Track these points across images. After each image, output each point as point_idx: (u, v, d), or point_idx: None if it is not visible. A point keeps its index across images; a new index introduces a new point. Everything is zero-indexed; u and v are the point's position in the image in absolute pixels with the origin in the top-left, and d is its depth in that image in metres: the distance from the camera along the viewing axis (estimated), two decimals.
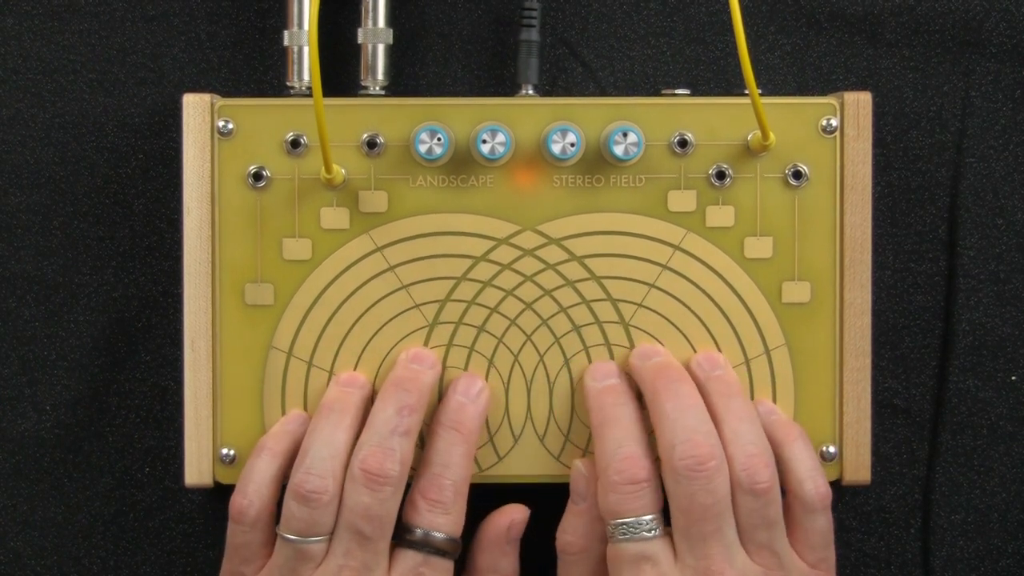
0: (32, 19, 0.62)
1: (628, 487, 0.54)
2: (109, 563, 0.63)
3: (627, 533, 0.54)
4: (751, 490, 0.54)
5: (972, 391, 0.62)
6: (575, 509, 0.57)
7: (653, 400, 0.55)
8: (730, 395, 0.56)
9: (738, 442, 0.54)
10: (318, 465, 0.54)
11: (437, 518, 0.55)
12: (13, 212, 0.62)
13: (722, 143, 0.58)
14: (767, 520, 0.54)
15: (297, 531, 0.54)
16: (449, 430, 0.56)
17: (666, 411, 0.54)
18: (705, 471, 0.53)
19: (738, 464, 0.54)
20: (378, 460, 0.54)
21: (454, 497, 0.55)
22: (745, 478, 0.54)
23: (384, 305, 0.58)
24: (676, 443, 0.53)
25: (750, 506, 0.54)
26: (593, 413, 0.56)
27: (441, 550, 0.55)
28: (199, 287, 0.58)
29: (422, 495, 0.55)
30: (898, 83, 0.62)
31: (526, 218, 0.58)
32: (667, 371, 0.56)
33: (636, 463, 0.54)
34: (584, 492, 0.56)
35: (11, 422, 0.62)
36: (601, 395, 0.56)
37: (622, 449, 0.55)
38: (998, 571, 0.63)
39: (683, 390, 0.55)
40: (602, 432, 0.56)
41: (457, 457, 0.55)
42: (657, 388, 0.55)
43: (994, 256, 0.62)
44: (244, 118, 0.58)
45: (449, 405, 0.57)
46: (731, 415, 0.55)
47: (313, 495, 0.54)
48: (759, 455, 0.54)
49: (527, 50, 0.59)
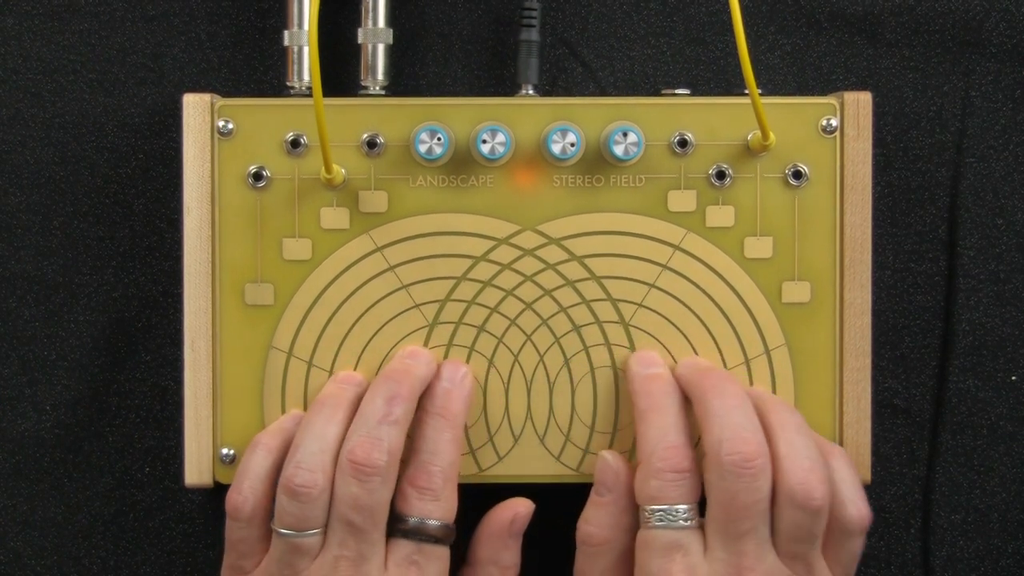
0: (32, 19, 0.62)
1: (671, 475, 0.54)
2: (109, 563, 0.63)
3: (663, 520, 0.54)
4: (804, 506, 0.53)
5: (972, 391, 0.62)
6: (600, 501, 0.56)
7: (700, 398, 0.55)
8: (784, 408, 0.56)
9: (794, 455, 0.54)
10: (308, 459, 0.54)
11: (427, 505, 0.55)
12: (13, 212, 0.62)
13: (722, 143, 0.58)
14: (811, 535, 0.54)
15: (290, 525, 0.54)
16: (435, 416, 0.56)
17: (713, 408, 0.54)
18: (751, 469, 0.53)
19: (794, 478, 0.53)
20: (365, 450, 0.54)
21: (443, 483, 0.55)
22: (800, 492, 0.53)
23: (384, 305, 0.58)
24: (723, 439, 0.53)
25: (798, 520, 0.53)
26: (639, 398, 0.56)
27: (434, 537, 0.55)
28: (199, 287, 0.58)
29: (411, 483, 0.55)
30: (898, 83, 0.62)
31: (526, 218, 0.58)
32: (715, 372, 0.56)
33: (681, 452, 0.54)
34: (612, 484, 0.56)
35: (11, 422, 0.62)
36: (648, 381, 0.56)
37: (668, 437, 0.55)
38: (998, 571, 0.63)
39: (730, 389, 0.55)
40: (648, 417, 0.55)
41: (444, 443, 0.55)
42: (704, 387, 0.55)
43: (994, 256, 0.62)
44: (244, 118, 0.58)
45: (435, 392, 0.56)
46: (787, 427, 0.55)
47: (302, 489, 0.54)
48: (816, 471, 0.54)
49: (527, 50, 0.59)
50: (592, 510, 0.56)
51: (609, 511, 0.56)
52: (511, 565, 0.57)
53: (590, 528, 0.56)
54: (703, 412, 0.55)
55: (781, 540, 0.54)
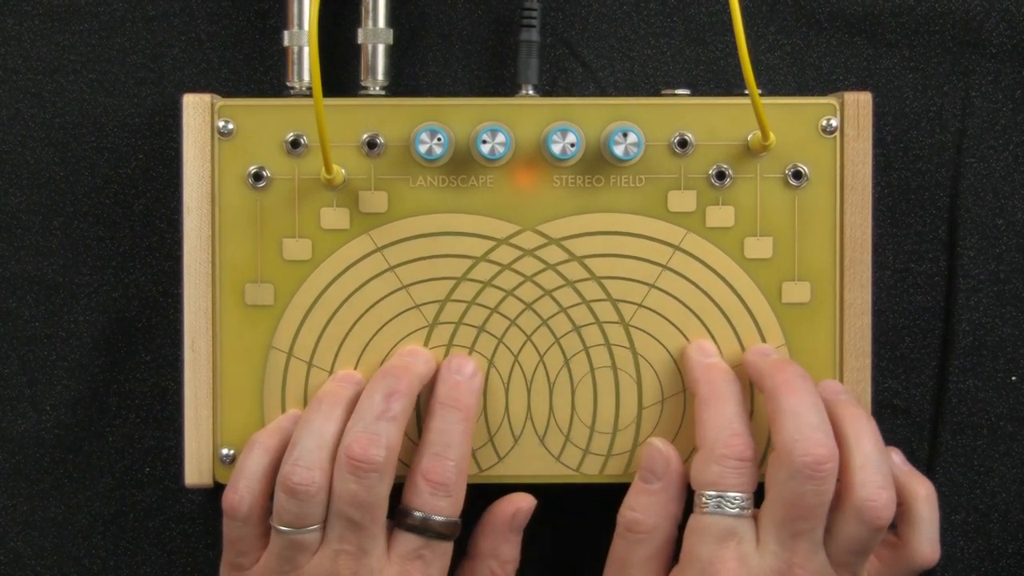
0: (32, 19, 0.62)
1: (733, 462, 0.54)
2: (109, 563, 0.63)
3: (720, 507, 0.54)
4: (871, 523, 0.53)
5: (972, 391, 0.62)
6: (648, 488, 0.56)
7: (773, 393, 0.55)
8: (862, 416, 0.55)
9: (869, 470, 0.53)
10: (305, 457, 0.54)
11: (439, 501, 0.54)
12: (13, 212, 0.62)
13: (722, 143, 0.58)
14: (866, 549, 0.54)
15: (289, 523, 0.54)
16: (448, 408, 0.56)
17: (787, 406, 0.54)
18: (821, 473, 0.53)
19: (865, 493, 0.53)
20: (363, 446, 0.53)
21: (456, 478, 0.55)
22: (869, 510, 0.53)
23: (384, 305, 0.58)
24: (797, 439, 0.53)
25: (858, 535, 0.53)
26: (701, 386, 0.56)
27: (440, 533, 0.54)
28: (199, 287, 0.58)
29: (424, 476, 0.55)
30: (898, 83, 0.62)
31: (526, 218, 0.58)
32: (788, 367, 0.56)
33: (745, 441, 0.54)
34: (662, 471, 0.56)
35: (11, 422, 0.62)
36: (710, 370, 0.56)
37: (733, 425, 0.54)
38: (998, 571, 0.63)
39: (804, 387, 0.55)
40: (712, 404, 0.55)
41: (458, 436, 0.55)
42: (778, 382, 0.55)
43: (994, 256, 0.62)
44: (244, 118, 0.58)
45: (445, 383, 0.56)
46: (864, 440, 0.54)
47: (300, 487, 0.54)
48: (887, 489, 0.53)
49: (527, 50, 0.59)
50: (638, 497, 0.56)
51: (658, 499, 0.56)
52: (511, 559, 0.57)
53: (636, 515, 0.56)
54: (775, 408, 0.54)
55: (836, 548, 0.54)
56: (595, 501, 0.61)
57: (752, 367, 0.57)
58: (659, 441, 0.57)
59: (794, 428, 0.53)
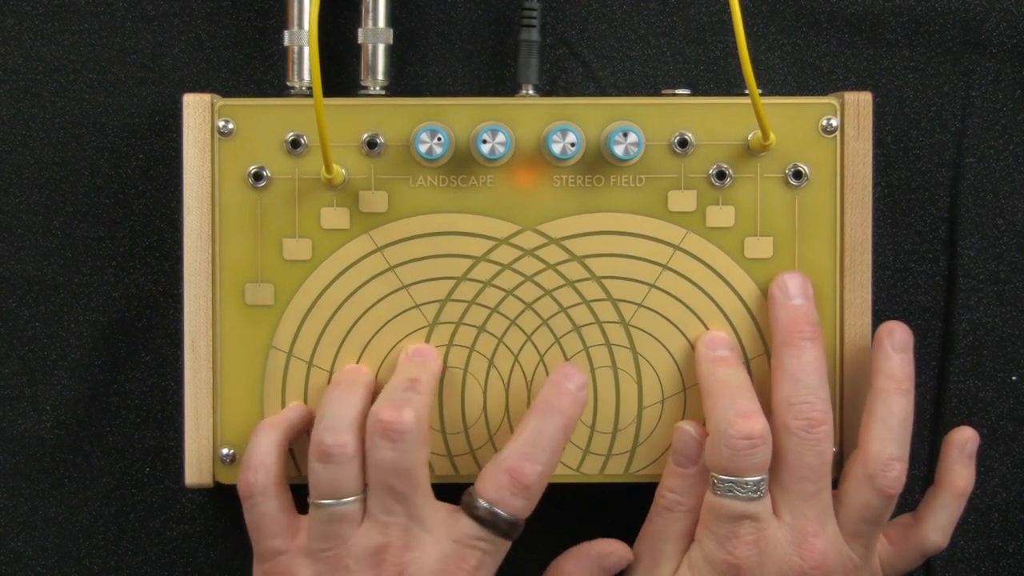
0: (32, 19, 0.62)
1: (742, 442, 0.54)
2: (109, 563, 0.63)
3: (732, 491, 0.54)
4: (881, 490, 0.55)
5: (972, 391, 0.62)
6: (682, 472, 0.56)
7: (778, 348, 0.56)
8: (894, 395, 0.56)
9: (889, 439, 0.55)
10: (336, 422, 0.54)
11: (517, 501, 0.54)
12: (13, 212, 0.62)
13: (722, 143, 0.58)
14: (878, 518, 0.55)
15: (326, 493, 0.54)
16: (554, 410, 0.55)
17: (789, 366, 0.55)
18: (816, 435, 0.54)
19: (880, 459, 0.55)
20: (395, 408, 0.53)
21: (540, 484, 0.54)
22: (882, 475, 0.54)
23: (384, 305, 0.58)
24: (793, 402, 0.54)
25: (871, 502, 0.55)
26: (704, 378, 0.57)
27: (505, 531, 0.54)
28: (199, 287, 0.58)
29: (510, 472, 0.54)
30: (898, 83, 0.62)
31: (526, 218, 0.58)
32: (801, 325, 0.56)
33: (752, 418, 0.54)
34: (693, 455, 0.56)
35: (11, 422, 0.62)
36: (714, 363, 0.57)
37: (737, 405, 0.54)
38: (998, 571, 0.63)
39: (809, 348, 0.56)
40: (715, 391, 0.56)
41: (555, 442, 0.54)
42: (785, 339, 0.56)
43: (994, 256, 0.62)
44: (244, 118, 0.58)
45: (556, 387, 0.55)
46: (895, 411, 0.55)
47: (334, 448, 0.53)
48: (902, 461, 0.55)
49: (527, 50, 0.59)
50: (674, 479, 0.57)
51: (694, 480, 0.56)
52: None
53: (675, 496, 0.56)
54: (777, 366, 0.56)
55: (848, 517, 0.55)
56: (595, 501, 0.61)
57: (775, 310, 0.57)
58: (688, 424, 0.57)
59: (791, 390, 0.55)
